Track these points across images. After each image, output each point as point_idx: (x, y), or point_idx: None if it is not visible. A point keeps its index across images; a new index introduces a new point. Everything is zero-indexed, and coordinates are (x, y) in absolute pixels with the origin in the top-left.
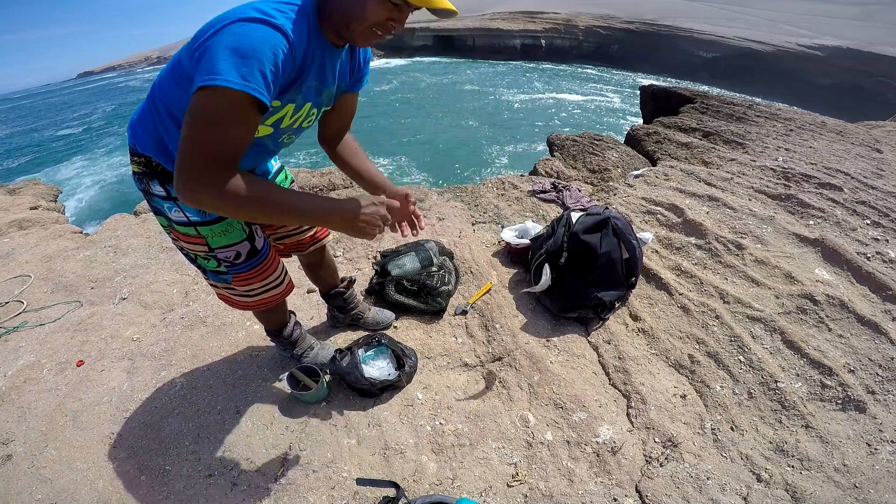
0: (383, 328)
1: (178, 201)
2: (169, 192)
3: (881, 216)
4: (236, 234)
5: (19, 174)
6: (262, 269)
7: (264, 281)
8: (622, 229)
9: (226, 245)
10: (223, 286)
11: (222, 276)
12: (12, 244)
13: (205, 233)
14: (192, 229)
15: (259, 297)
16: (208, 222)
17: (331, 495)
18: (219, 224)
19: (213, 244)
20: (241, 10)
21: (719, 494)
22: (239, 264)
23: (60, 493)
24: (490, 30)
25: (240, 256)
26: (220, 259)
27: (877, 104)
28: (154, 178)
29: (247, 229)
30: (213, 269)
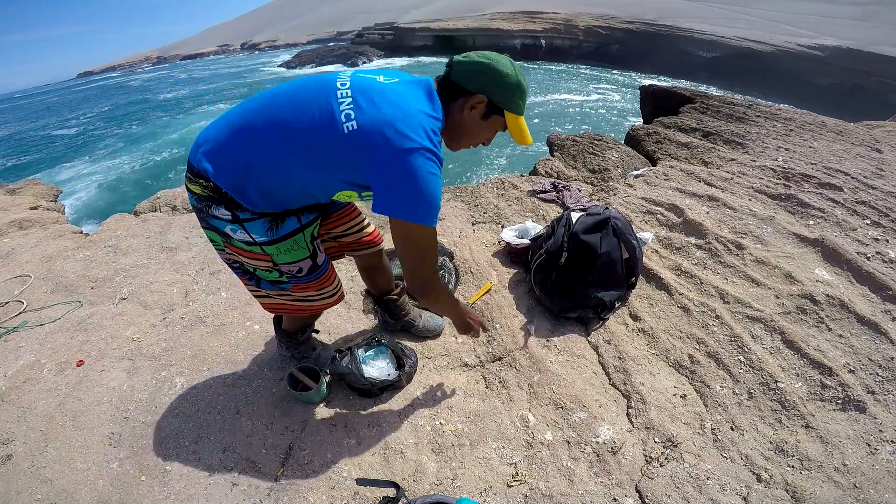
0: (435, 336)
1: (243, 223)
2: (236, 216)
3: (881, 216)
4: (301, 251)
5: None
6: (321, 282)
7: (321, 291)
8: (622, 229)
9: (290, 262)
10: (278, 293)
11: (281, 284)
12: (12, 244)
13: (270, 251)
14: (257, 248)
15: (314, 303)
16: (275, 241)
17: (331, 495)
18: (285, 242)
19: (279, 261)
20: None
21: (719, 494)
22: (301, 276)
23: (60, 493)
24: (490, 30)
25: (302, 271)
26: (282, 272)
27: (877, 104)
28: (220, 204)
29: (311, 247)
30: (274, 279)
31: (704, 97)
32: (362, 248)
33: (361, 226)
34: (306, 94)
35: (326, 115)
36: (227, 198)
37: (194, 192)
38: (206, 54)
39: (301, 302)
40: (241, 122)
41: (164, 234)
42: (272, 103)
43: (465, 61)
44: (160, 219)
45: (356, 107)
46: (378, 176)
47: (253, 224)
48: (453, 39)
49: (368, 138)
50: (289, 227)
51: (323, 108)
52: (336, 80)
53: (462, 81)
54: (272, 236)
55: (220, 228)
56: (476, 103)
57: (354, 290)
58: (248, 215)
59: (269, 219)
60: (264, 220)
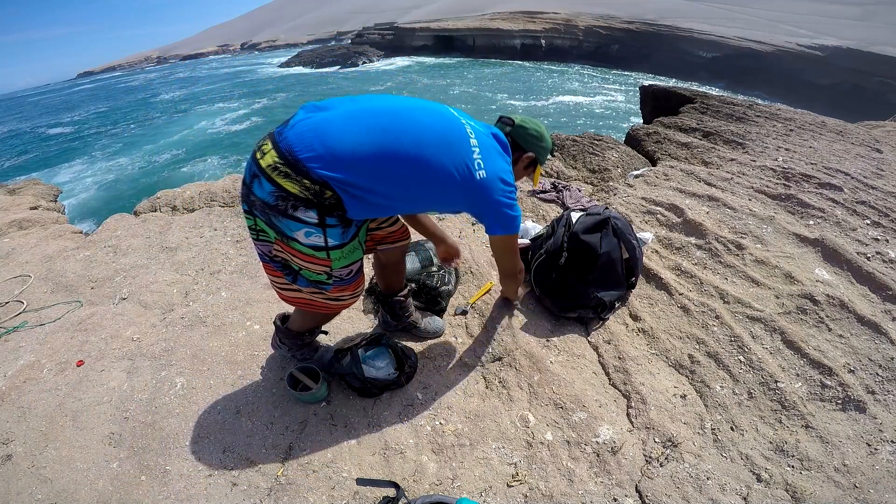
0: (435, 337)
1: (327, 228)
2: (325, 220)
3: (881, 216)
4: (357, 252)
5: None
6: (359, 281)
7: (356, 290)
8: (622, 229)
9: (346, 264)
10: (311, 290)
11: (323, 285)
12: (12, 244)
13: (335, 255)
14: (323, 253)
15: (345, 301)
16: (344, 244)
17: (331, 495)
18: (349, 245)
19: (336, 265)
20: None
21: (719, 494)
22: (348, 279)
23: (60, 493)
24: (490, 30)
25: (351, 272)
26: (332, 276)
27: (877, 104)
28: (313, 207)
29: (363, 246)
30: (317, 279)
31: (704, 97)
32: (394, 242)
33: (392, 219)
34: (447, 139)
35: (466, 163)
36: (330, 204)
37: (284, 188)
38: (207, 54)
39: (332, 301)
40: (388, 144)
41: (164, 234)
42: (417, 133)
43: (526, 127)
44: (160, 219)
45: (484, 158)
46: (491, 210)
47: (334, 230)
48: (453, 39)
49: (490, 185)
50: (353, 230)
51: (464, 157)
52: (465, 129)
53: (521, 141)
54: (344, 239)
55: (286, 228)
56: (528, 161)
57: None
58: (335, 221)
59: (345, 225)
60: (342, 226)
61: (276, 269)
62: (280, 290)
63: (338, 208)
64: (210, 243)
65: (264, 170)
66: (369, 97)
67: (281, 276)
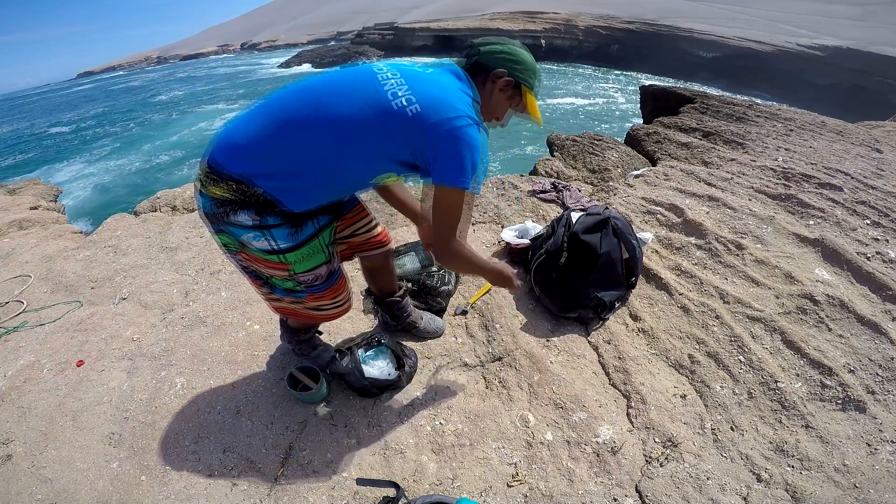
0: (435, 336)
1: (269, 230)
2: (264, 221)
3: (881, 216)
4: (319, 256)
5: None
6: (336, 288)
7: (335, 298)
8: (622, 229)
9: (308, 269)
10: (290, 300)
11: (296, 293)
12: (12, 244)
13: (291, 259)
14: (275, 256)
15: (327, 311)
16: (296, 247)
17: (331, 495)
18: (304, 248)
19: (298, 269)
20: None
21: (719, 494)
22: (317, 284)
23: (60, 493)
24: (490, 30)
25: (318, 278)
26: (300, 281)
27: (877, 104)
28: (247, 208)
29: (327, 251)
30: (289, 287)
31: (704, 97)
32: (372, 249)
33: (370, 226)
34: (350, 86)
35: (384, 102)
36: (260, 201)
37: (214, 195)
38: (206, 54)
39: (314, 311)
40: (284, 117)
41: (164, 234)
42: (313, 97)
43: (492, 46)
44: (160, 219)
45: (415, 90)
46: (431, 150)
47: (279, 230)
48: (453, 39)
49: (428, 118)
50: (308, 231)
51: (378, 97)
52: (374, 68)
53: (488, 62)
54: (294, 241)
55: (235, 235)
56: (504, 84)
57: (354, 290)
58: (276, 220)
59: (293, 223)
60: (287, 225)
61: (254, 279)
62: (266, 300)
63: (271, 204)
64: (210, 243)
65: (201, 182)
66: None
67: (261, 287)
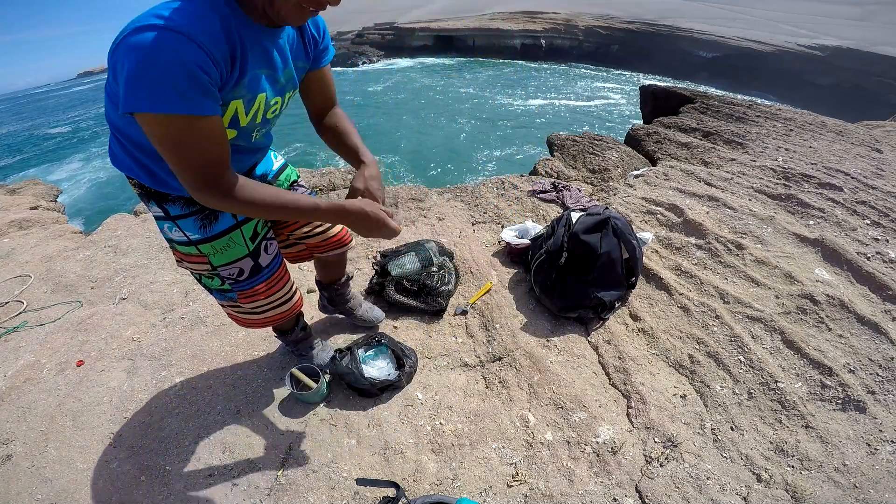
0: (372, 326)
1: (176, 220)
2: (167, 211)
3: (881, 216)
4: (238, 249)
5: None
6: (268, 286)
7: (270, 298)
8: (622, 229)
9: (228, 262)
10: (229, 304)
11: (227, 293)
12: (12, 244)
13: (206, 251)
14: (192, 248)
15: (265, 314)
16: (208, 239)
17: (331, 495)
18: (219, 240)
19: (216, 262)
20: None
21: (719, 494)
22: (242, 281)
23: (60, 493)
24: (490, 30)
25: (242, 273)
26: (223, 277)
27: (877, 104)
28: (150, 200)
29: (250, 245)
30: (217, 287)
31: (704, 97)
32: (330, 249)
33: (325, 225)
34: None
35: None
36: (152, 192)
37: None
38: None
39: (252, 315)
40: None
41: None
42: None
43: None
44: None
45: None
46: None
47: (185, 221)
48: (453, 39)
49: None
50: (223, 224)
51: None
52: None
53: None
54: (206, 234)
55: (162, 230)
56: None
57: (354, 290)
58: (178, 210)
59: (199, 214)
60: (195, 216)
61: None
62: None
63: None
64: None
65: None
66: None
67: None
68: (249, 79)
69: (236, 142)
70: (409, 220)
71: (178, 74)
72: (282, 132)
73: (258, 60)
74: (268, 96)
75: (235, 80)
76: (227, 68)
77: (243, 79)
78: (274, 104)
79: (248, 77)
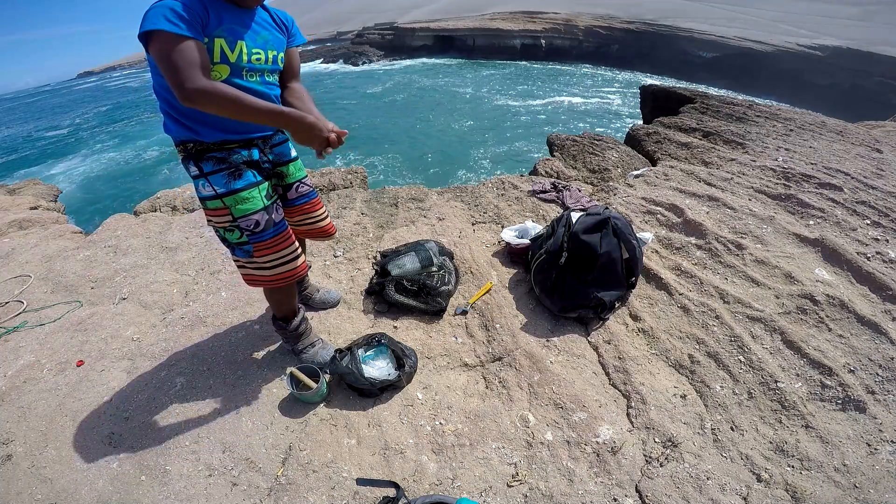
0: (331, 306)
1: (208, 177)
2: (202, 169)
3: (881, 216)
4: (255, 202)
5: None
6: (280, 241)
7: (281, 252)
8: (622, 229)
9: (246, 214)
10: (246, 260)
11: (245, 246)
12: (12, 244)
13: (229, 202)
14: (218, 202)
15: (277, 269)
16: (231, 192)
17: (331, 495)
18: (240, 194)
19: (236, 213)
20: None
21: (719, 494)
22: (258, 233)
23: (60, 493)
24: (490, 30)
25: (259, 225)
26: (242, 228)
27: (877, 104)
28: (190, 160)
29: (265, 202)
30: (237, 240)
31: (704, 97)
32: (316, 237)
33: (318, 218)
34: None
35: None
36: (193, 152)
37: (182, 160)
38: None
39: (263, 270)
40: None
41: (164, 234)
42: None
43: None
44: (160, 219)
45: None
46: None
47: (215, 177)
48: (453, 39)
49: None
50: (245, 180)
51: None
52: None
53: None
54: (231, 187)
55: (196, 192)
56: None
57: (354, 290)
58: (211, 167)
59: (227, 170)
60: (223, 173)
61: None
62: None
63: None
64: (210, 243)
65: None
66: None
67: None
68: (227, 29)
69: (233, 79)
70: (409, 220)
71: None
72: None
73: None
74: (248, 44)
75: (215, 26)
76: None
77: (221, 26)
78: (256, 52)
79: (224, 27)
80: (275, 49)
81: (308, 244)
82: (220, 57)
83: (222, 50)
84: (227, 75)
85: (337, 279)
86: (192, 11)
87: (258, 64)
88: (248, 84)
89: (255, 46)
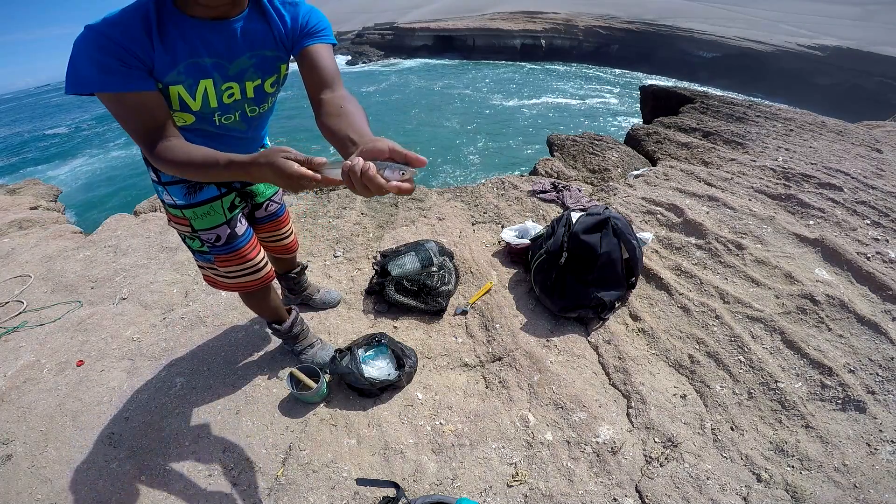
0: (331, 307)
1: (165, 186)
2: (159, 177)
3: (881, 216)
4: (217, 217)
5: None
6: (242, 254)
7: (243, 265)
8: (622, 229)
9: (207, 228)
10: (207, 266)
11: (205, 255)
12: (12, 244)
13: (188, 215)
14: (178, 211)
15: (238, 279)
16: (191, 205)
17: (331, 495)
18: (200, 207)
19: (197, 226)
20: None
21: (719, 494)
22: (220, 246)
23: (60, 493)
24: (490, 30)
25: (220, 239)
26: (202, 240)
27: (877, 104)
28: (149, 166)
29: (228, 215)
30: (198, 248)
31: (704, 97)
32: (278, 254)
33: (283, 236)
34: None
35: None
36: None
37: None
38: None
39: (225, 278)
40: None
41: (164, 234)
42: None
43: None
44: (160, 219)
45: None
46: None
47: (173, 188)
48: (453, 39)
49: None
50: (207, 194)
51: None
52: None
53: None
54: (189, 201)
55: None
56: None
57: (354, 290)
58: (168, 177)
59: (187, 185)
60: (182, 184)
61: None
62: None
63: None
64: None
65: None
66: None
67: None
68: (185, 66)
69: (202, 126)
70: (409, 220)
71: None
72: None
73: (195, 48)
74: (215, 81)
75: (166, 70)
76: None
77: (175, 68)
78: (227, 89)
79: (181, 68)
80: (257, 77)
81: (308, 244)
82: (178, 105)
83: (181, 98)
84: (192, 122)
85: (337, 279)
86: (128, 52)
87: (230, 101)
88: (221, 129)
89: (226, 80)
